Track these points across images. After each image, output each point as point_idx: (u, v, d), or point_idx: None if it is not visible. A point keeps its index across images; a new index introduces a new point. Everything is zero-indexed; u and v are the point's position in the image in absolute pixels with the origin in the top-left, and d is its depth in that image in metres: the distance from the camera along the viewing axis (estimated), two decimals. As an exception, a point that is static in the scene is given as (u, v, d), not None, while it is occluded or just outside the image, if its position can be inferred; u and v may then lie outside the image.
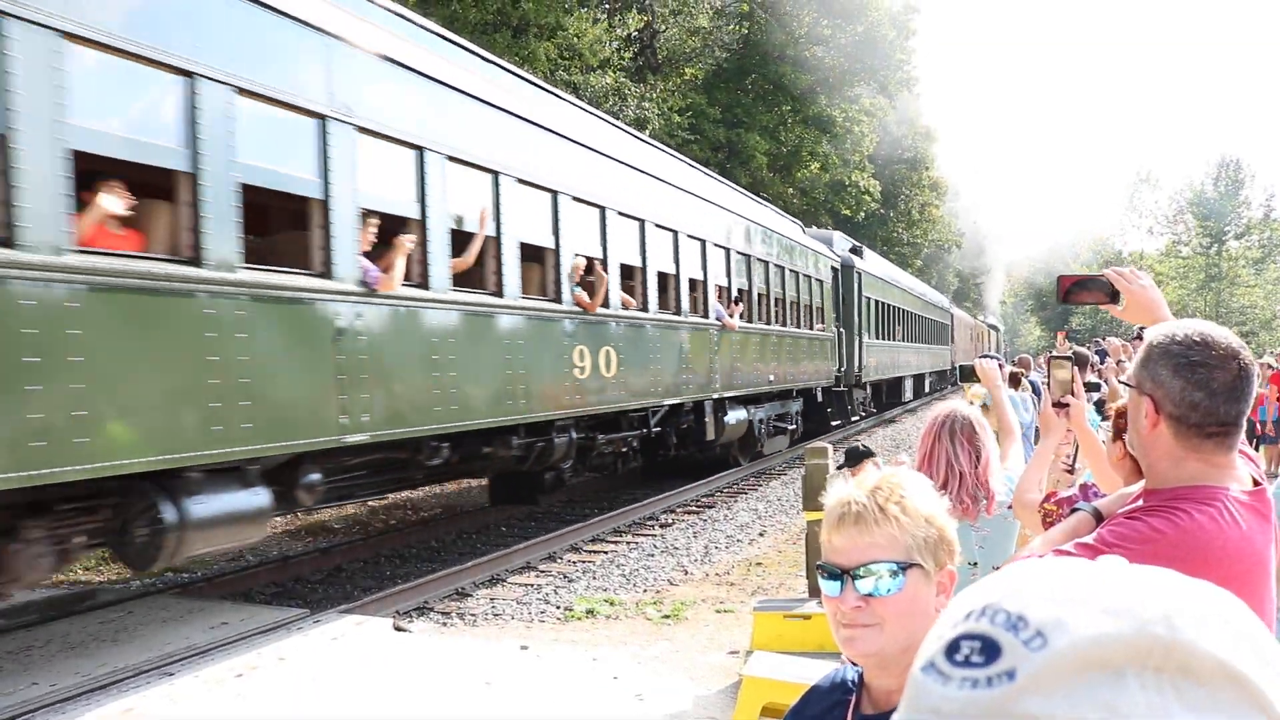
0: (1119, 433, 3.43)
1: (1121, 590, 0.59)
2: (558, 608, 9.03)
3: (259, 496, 7.05)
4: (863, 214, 44.13)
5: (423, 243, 8.64)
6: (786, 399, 20.36)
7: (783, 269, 19.88)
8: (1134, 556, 1.96)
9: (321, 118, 7.46)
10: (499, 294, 9.78)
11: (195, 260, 6.42)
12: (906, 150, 54.79)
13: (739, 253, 17.25)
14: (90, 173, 6.07)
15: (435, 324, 8.86)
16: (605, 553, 11.45)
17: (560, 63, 24.12)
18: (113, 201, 6.15)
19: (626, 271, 12.89)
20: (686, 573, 10.50)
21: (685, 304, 14.65)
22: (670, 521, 13.59)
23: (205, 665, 6.67)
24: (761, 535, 12.58)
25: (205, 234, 6.46)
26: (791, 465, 19.59)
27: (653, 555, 11.28)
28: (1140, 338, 8.01)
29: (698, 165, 18.04)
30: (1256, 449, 15.14)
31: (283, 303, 7.20)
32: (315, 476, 7.82)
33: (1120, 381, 2.39)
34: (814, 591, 7.49)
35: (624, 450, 14.34)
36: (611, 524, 12.89)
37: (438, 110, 8.92)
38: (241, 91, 6.77)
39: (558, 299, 10.90)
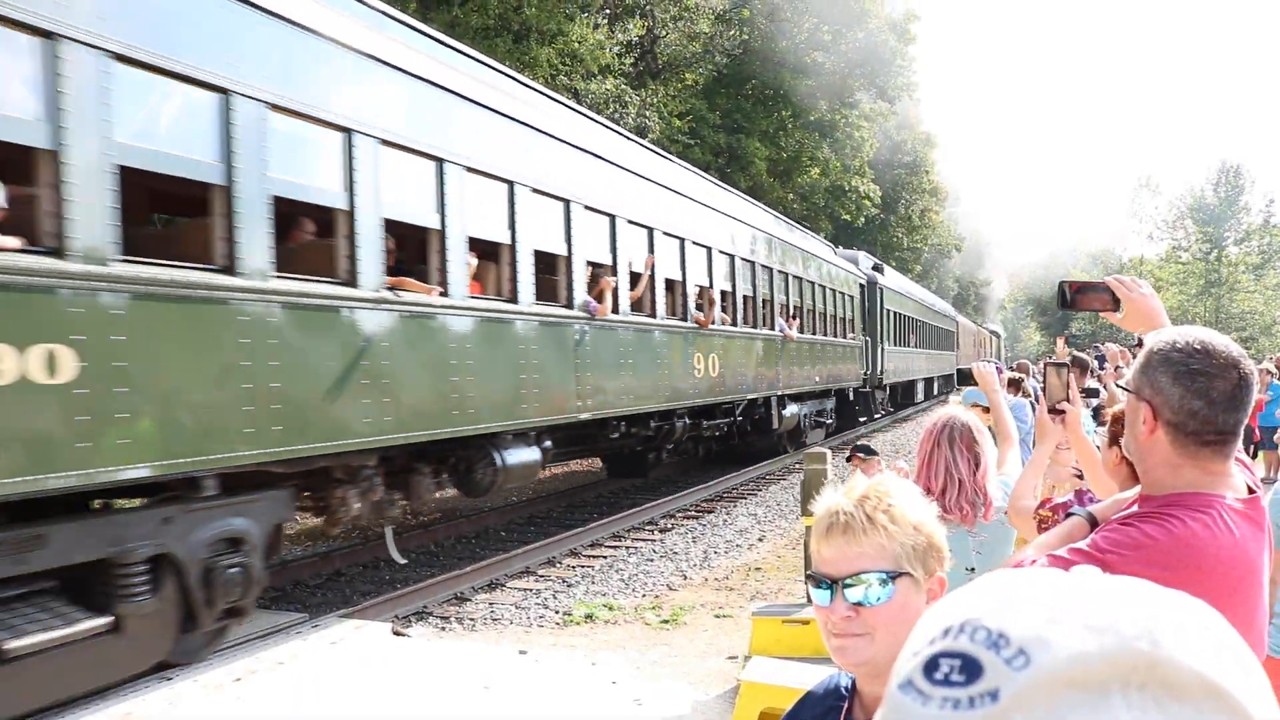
0: (1115, 438, 3.43)
1: (1102, 605, 0.58)
2: (556, 612, 9.03)
3: (535, 453, 10.67)
4: (863, 219, 44.12)
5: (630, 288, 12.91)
6: (825, 397, 23.88)
7: (824, 287, 23.44)
8: (1127, 563, 1.97)
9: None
10: (654, 316, 13.67)
11: (513, 299, 10.15)
12: (906, 155, 54.80)
13: (794, 276, 20.83)
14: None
15: (624, 339, 12.65)
16: (604, 558, 11.45)
17: (561, 68, 24.12)
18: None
19: (724, 295, 16.65)
20: (685, 578, 10.50)
21: (761, 319, 18.35)
22: (669, 526, 13.58)
23: (204, 669, 6.66)
24: (761, 540, 12.58)
25: (520, 287, 10.20)
26: (790, 471, 19.58)
27: (652, 560, 11.28)
28: (1141, 345, 8.03)
29: (763, 206, 21.95)
30: (1254, 456, 15.14)
31: (553, 327, 10.89)
32: (549, 443, 11.19)
33: (1118, 386, 2.39)
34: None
35: (715, 434, 17.56)
36: (610, 529, 12.89)
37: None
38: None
39: (684, 319, 14.67)
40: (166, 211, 10.33)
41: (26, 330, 5.33)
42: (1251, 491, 2.11)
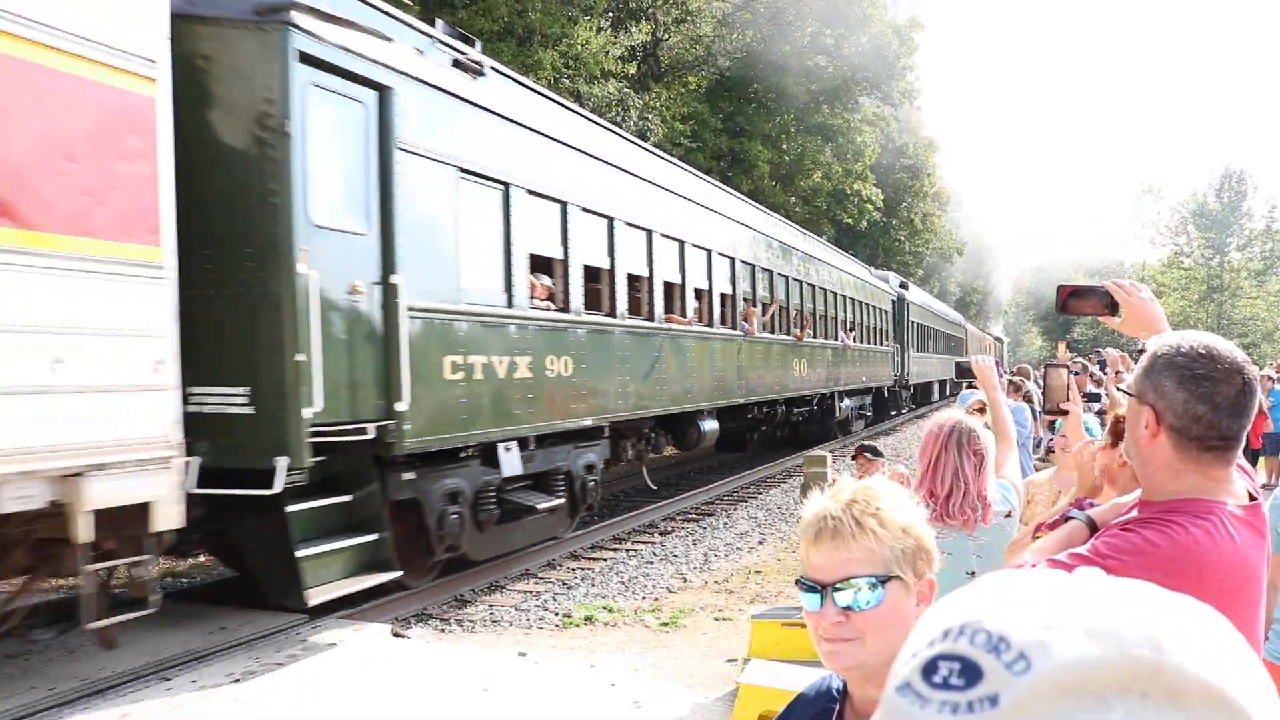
0: (1118, 440, 3.40)
1: (1103, 609, 0.57)
2: (556, 614, 9.02)
3: (715, 424, 16.00)
4: (865, 222, 44.10)
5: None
6: (866, 394, 29.82)
7: (867, 304, 29.24)
8: (1127, 568, 1.97)
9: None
10: (773, 332, 19.56)
11: (709, 324, 16.07)
12: (908, 159, 54.78)
13: (850, 298, 26.86)
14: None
15: (760, 349, 18.37)
16: (604, 560, 11.45)
17: (564, 71, 24.13)
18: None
19: (808, 314, 22.39)
20: (685, 580, 10.49)
21: (829, 333, 24.32)
22: (670, 529, 13.58)
23: (203, 669, 6.67)
24: (761, 543, 12.57)
25: (714, 317, 16.40)
26: (790, 474, 19.58)
27: (652, 563, 11.27)
28: (1143, 351, 8.01)
29: (830, 245, 29.46)
30: (1254, 463, 15.11)
31: (728, 342, 16.63)
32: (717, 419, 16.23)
33: (1119, 389, 2.38)
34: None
35: (800, 419, 23.16)
36: (611, 531, 12.89)
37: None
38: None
39: (788, 334, 20.58)
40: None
41: (559, 349, 10.86)
42: (1253, 498, 2.10)
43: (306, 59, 7.24)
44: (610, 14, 29.54)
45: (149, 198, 6.29)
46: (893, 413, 35.49)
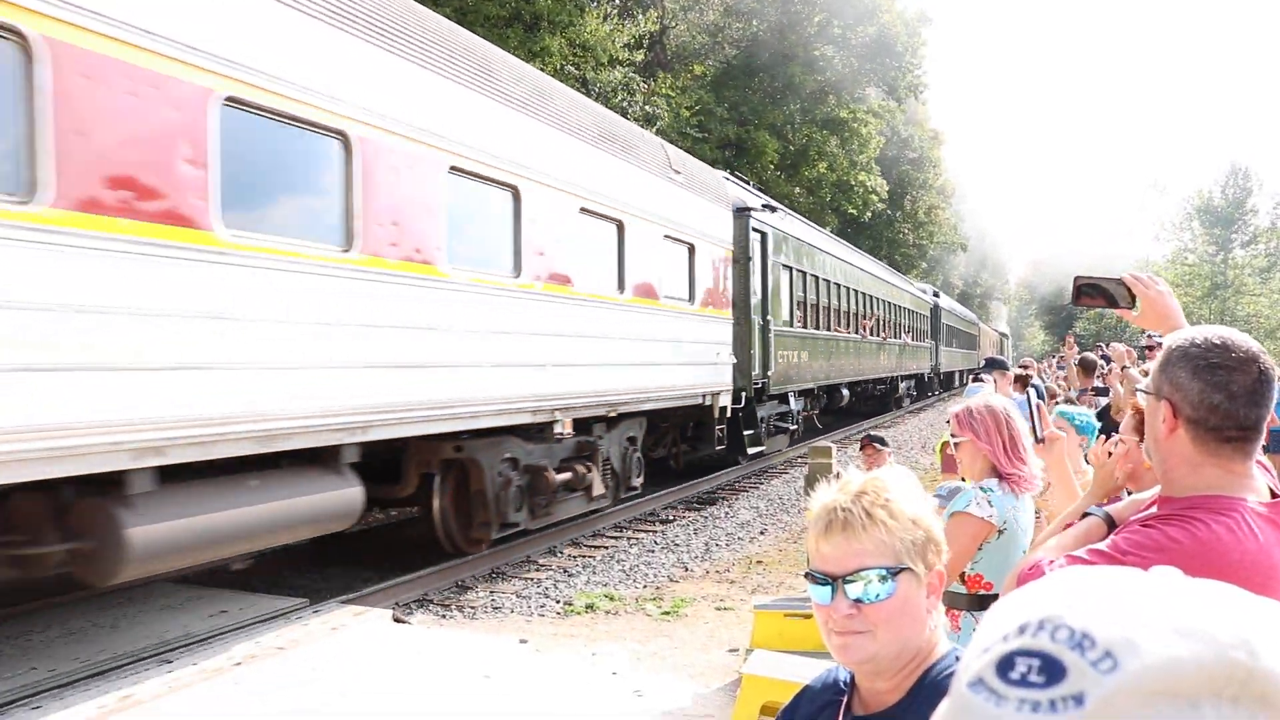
0: (1141, 426, 3.36)
1: (1193, 609, 0.55)
2: (557, 602, 9.01)
3: (848, 391, 26.60)
4: (869, 214, 44.05)
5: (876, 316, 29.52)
6: (912, 379, 39.78)
7: (914, 311, 39.33)
8: (1149, 565, 1.93)
9: (850, 289, 26.57)
10: (878, 335, 29.93)
11: (857, 331, 27.82)
12: (913, 151, 54.69)
13: (907, 309, 37.20)
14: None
15: (867, 346, 28.21)
16: (605, 548, 11.44)
17: (571, 58, 24.08)
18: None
19: (884, 321, 31.97)
20: (687, 569, 10.49)
21: (895, 332, 33.69)
22: (671, 518, 13.57)
23: (204, 653, 6.65)
24: (762, 533, 12.56)
25: (877, 328, 30.65)
26: (793, 464, 19.58)
27: (653, 551, 11.26)
28: (1152, 346, 7.96)
29: (892, 270, 40.00)
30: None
31: (859, 343, 27.56)
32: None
33: (1138, 389, 2.35)
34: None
35: (876, 394, 32.89)
36: (612, 519, 12.88)
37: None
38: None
39: (878, 335, 29.49)
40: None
41: (812, 348, 22.04)
42: (1274, 495, 2.07)
43: (756, 228, 17.77)
44: (618, 1, 29.48)
45: (725, 289, 16.14)
46: (929, 394, 45.33)
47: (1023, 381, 10.98)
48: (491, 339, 9.35)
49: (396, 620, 7.77)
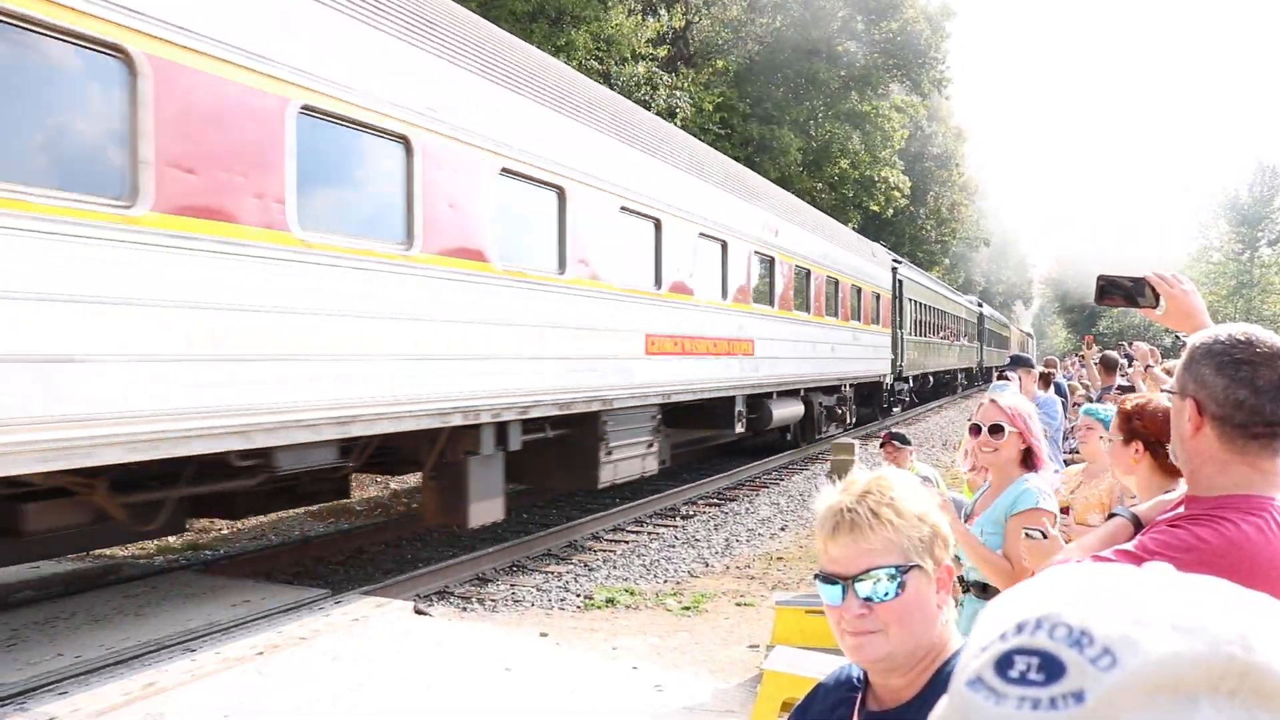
0: (1131, 435, 3.36)
1: (1189, 605, 0.55)
2: (578, 596, 9.03)
3: (933, 380, 39.57)
4: (891, 210, 43.85)
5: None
6: (964, 371, 49.17)
7: (965, 320, 47.80)
8: (1177, 565, 1.91)
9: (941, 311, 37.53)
10: (949, 339, 41.86)
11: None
12: (936, 148, 54.43)
13: (964, 319, 46.34)
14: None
15: (942, 346, 39.63)
16: (626, 542, 11.45)
17: (596, 52, 24.07)
18: None
19: (951, 330, 43.06)
20: (707, 565, 10.49)
21: (954, 336, 43.18)
22: (691, 513, 13.58)
23: (227, 642, 6.70)
24: (783, 530, 12.55)
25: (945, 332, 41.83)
26: (813, 460, 19.56)
27: (673, 546, 11.27)
28: (1180, 345, 7.91)
29: (955, 290, 53.69)
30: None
31: (934, 344, 38.30)
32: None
33: (1163, 390, 2.33)
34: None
35: (945, 382, 43.65)
36: (633, 514, 12.89)
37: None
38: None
39: (944, 338, 40.31)
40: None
41: (928, 350, 36.26)
42: None
43: (897, 275, 29.09)
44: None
45: (885, 313, 27.18)
46: (975, 383, 53.62)
47: (1046, 379, 10.94)
48: (785, 345, 17.54)
49: (417, 612, 7.80)
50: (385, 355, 7.53)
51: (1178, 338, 2.62)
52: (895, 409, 30.59)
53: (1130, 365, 11.90)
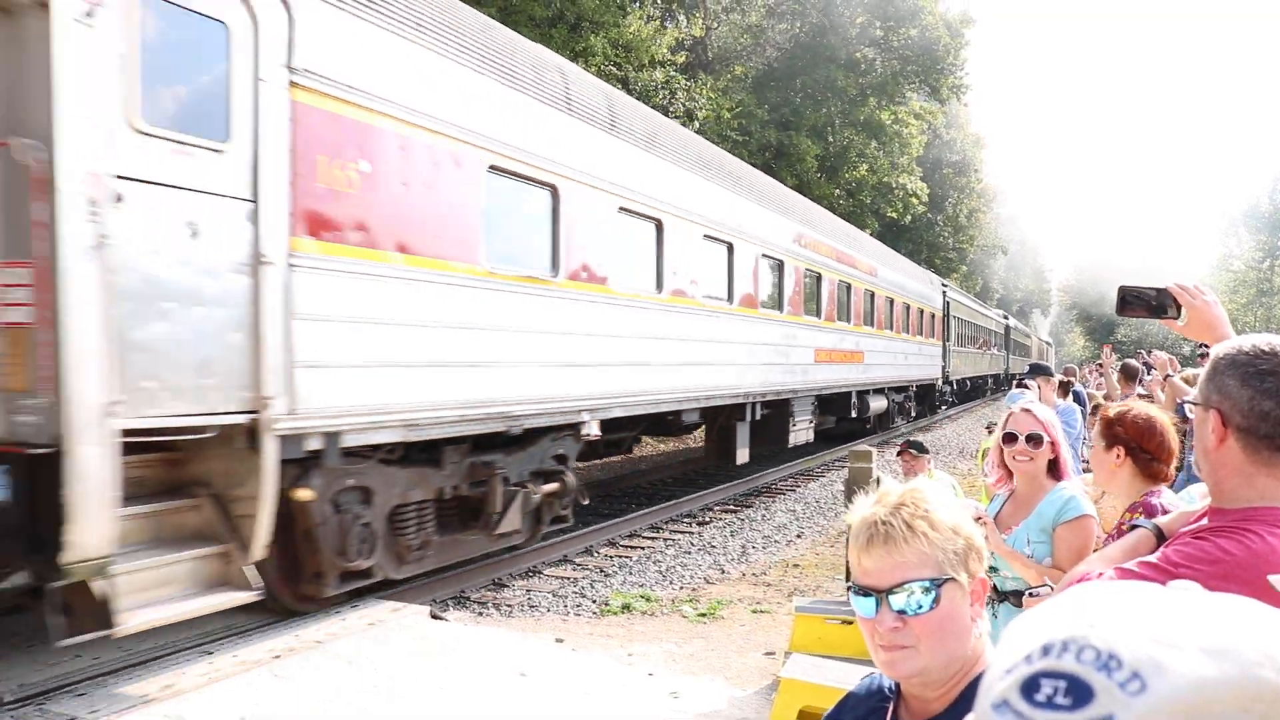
0: (1113, 440, 3.39)
1: (1217, 627, 0.54)
2: (594, 602, 9.02)
3: (969, 385, 45.98)
4: (909, 217, 43.73)
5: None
6: (993, 376, 54.51)
7: (995, 331, 52.99)
8: (1202, 578, 1.90)
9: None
10: (978, 348, 48.06)
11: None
12: (955, 155, 54.28)
13: (995, 331, 53.49)
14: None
15: (979, 356, 47.48)
16: (642, 549, 11.44)
17: (614, 58, 24.11)
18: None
19: (985, 341, 50.81)
20: (723, 572, 10.47)
21: (991, 345, 52.51)
22: (708, 520, 13.56)
23: (243, 645, 6.72)
24: (799, 537, 12.52)
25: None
26: (830, 467, 19.51)
27: (689, 553, 11.25)
28: (1204, 355, 7.86)
29: (976, 298, 58.61)
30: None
31: (971, 353, 45.24)
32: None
33: (1186, 401, 2.31)
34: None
35: (986, 384, 54.27)
36: (648, 520, 12.88)
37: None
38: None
39: (980, 348, 47.98)
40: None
41: (969, 358, 44.12)
42: None
43: (946, 296, 35.66)
44: (660, 3, 29.45)
45: (937, 328, 33.83)
46: (1002, 389, 55.55)
47: (1065, 388, 10.89)
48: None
49: (433, 616, 7.81)
50: (737, 363, 14.23)
51: (1202, 346, 2.60)
52: (941, 407, 37.56)
53: (1149, 374, 11.84)
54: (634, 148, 11.31)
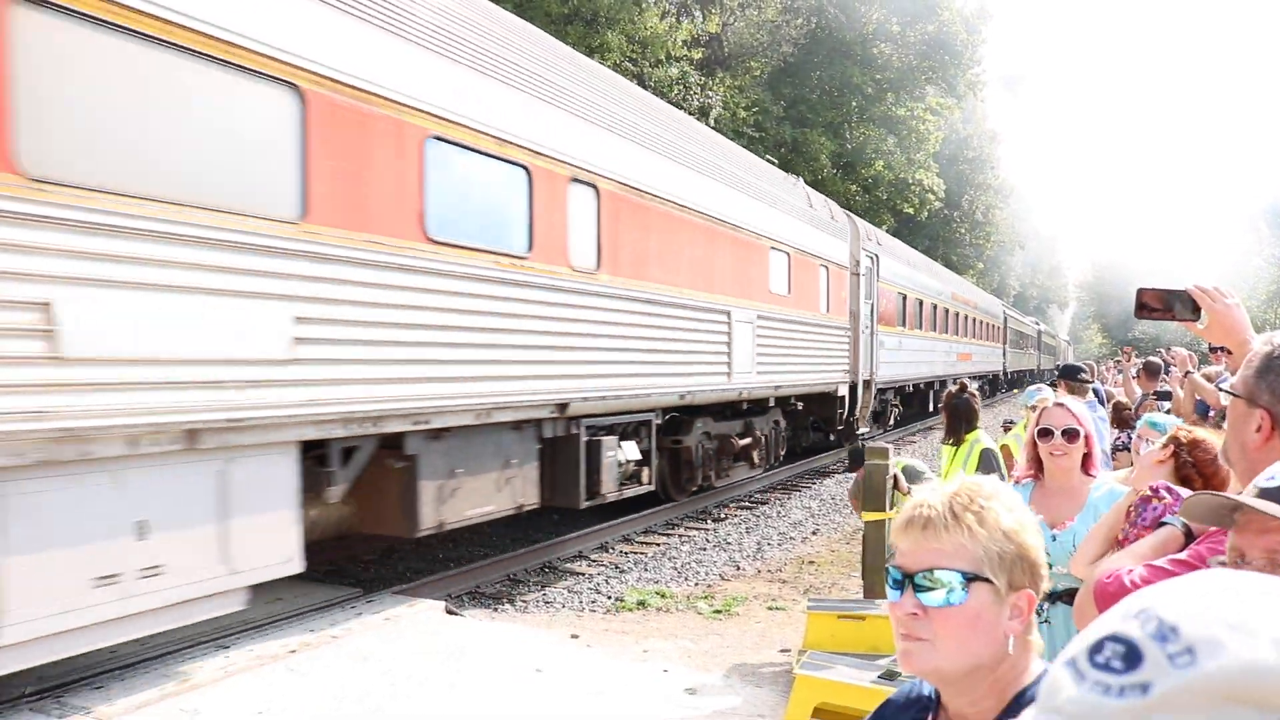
0: (1183, 465, 3.24)
1: None
2: (609, 598, 9.02)
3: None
4: (925, 213, 43.56)
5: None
6: (1029, 370, 63.64)
7: (1025, 335, 62.73)
8: None
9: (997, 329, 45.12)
10: (1020, 348, 59.14)
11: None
12: (971, 150, 54.08)
13: (1025, 334, 63.21)
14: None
15: (1020, 354, 59.97)
16: (657, 545, 11.43)
17: (630, 54, 24.09)
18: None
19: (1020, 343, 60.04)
20: (738, 568, 10.45)
21: (1010, 343, 54.37)
22: (723, 516, 13.54)
23: (259, 639, 6.74)
24: (814, 534, 12.49)
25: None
26: (844, 463, 19.47)
27: (704, 549, 11.24)
28: (1217, 354, 7.77)
29: (1011, 306, 65.83)
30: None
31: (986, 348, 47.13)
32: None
33: (1224, 389, 2.26)
34: (869, 593, 7.40)
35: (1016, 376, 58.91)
36: (664, 516, 12.87)
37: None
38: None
39: (1027, 348, 65.26)
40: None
41: (987, 355, 45.54)
42: None
43: (1006, 313, 50.91)
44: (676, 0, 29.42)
45: (1000, 333, 45.49)
46: (1033, 379, 61.09)
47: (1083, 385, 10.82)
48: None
49: (449, 612, 7.82)
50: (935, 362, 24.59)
51: (1221, 349, 2.54)
52: (999, 391, 48.32)
53: (1168, 371, 11.75)
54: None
